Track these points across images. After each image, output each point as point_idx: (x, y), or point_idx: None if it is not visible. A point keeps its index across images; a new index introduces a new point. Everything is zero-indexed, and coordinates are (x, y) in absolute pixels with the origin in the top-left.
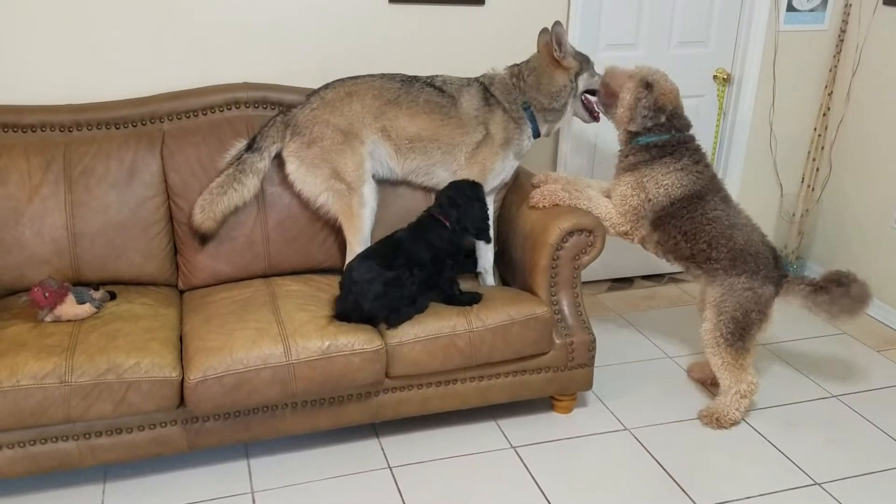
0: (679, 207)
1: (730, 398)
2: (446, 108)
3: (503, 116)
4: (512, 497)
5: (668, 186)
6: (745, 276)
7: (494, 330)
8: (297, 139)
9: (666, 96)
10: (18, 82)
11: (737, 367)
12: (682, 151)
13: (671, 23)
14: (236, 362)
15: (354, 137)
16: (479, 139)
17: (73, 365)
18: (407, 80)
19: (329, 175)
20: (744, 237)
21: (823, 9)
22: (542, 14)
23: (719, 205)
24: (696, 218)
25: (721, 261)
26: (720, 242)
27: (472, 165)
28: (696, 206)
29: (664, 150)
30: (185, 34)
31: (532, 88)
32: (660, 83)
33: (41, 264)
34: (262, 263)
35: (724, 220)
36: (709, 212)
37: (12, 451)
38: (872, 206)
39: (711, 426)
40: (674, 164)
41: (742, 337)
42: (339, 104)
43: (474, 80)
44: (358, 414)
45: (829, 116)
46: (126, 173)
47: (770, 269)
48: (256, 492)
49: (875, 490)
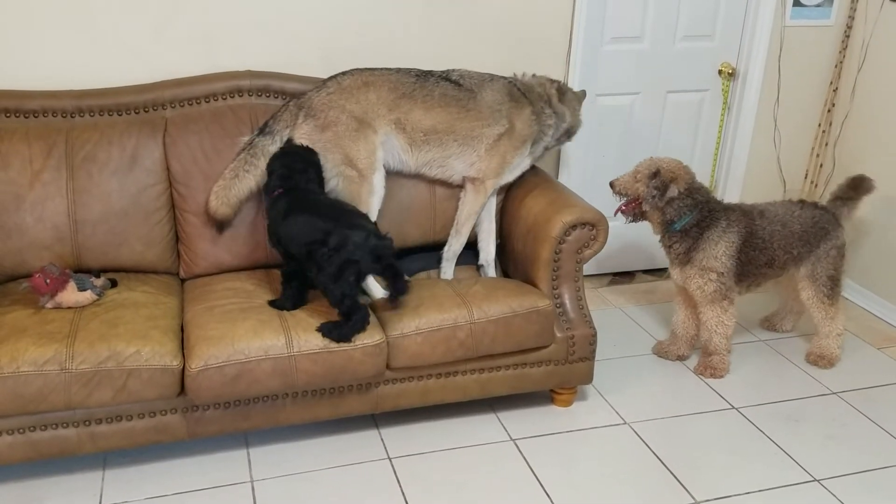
0: (744, 254)
1: (833, 340)
2: (464, 101)
3: (530, 115)
4: (511, 489)
5: (726, 252)
6: (821, 243)
7: (496, 322)
8: (310, 121)
9: (674, 173)
10: (21, 67)
11: (837, 312)
12: (717, 217)
13: (677, 16)
14: (238, 352)
15: (368, 126)
16: (500, 132)
17: (74, 352)
18: (422, 75)
19: (341, 160)
20: (796, 219)
21: (830, 4)
22: (547, 5)
23: (761, 221)
24: (761, 247)
25: (798, 248)
26: (789, 242)
27: (493, 157)
28: (753, 242)
29: (701, 227)
30: (188, 21)
31: (567, 110)
32: (663, 166)
33: (42, 250)
34: (263, 253)
35: (777, 225)
36: (764, 235)
37: (12, 437)
38: (875, 203)
39: (821, 365)
40: (717, 232)
41: (837, 286)
42: (356, 92)
43: (500, 77)
44: (358, 405)
45: (833, 113)
46: (128, 160)
47: (828, 219)
48: (256, 481)
49: (874, 487)
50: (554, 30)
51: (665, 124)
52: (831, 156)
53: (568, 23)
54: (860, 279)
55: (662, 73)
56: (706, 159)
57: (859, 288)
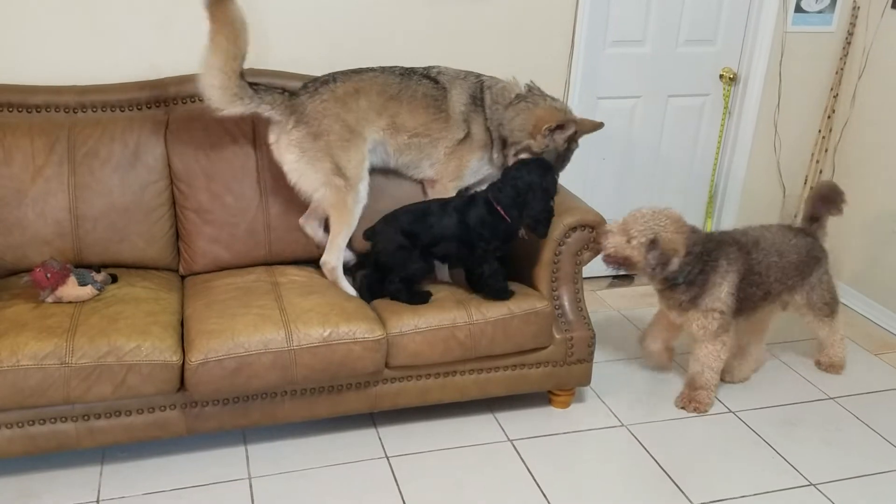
0: (741, 291)
1: (838, 346)
2: (439, 102)
3: (483, 122)
4: (508, 490)
5: (729, 291)
6: (814, 272)
7: (495, 323)
8: (302, 128)
9: (674, 243)
10: (24, 62)
11: (837, 321)
12: (716, 259)
13: (679, 20)
14: (238, 346)
15: (358, 136)
16: (460, 137)
17: (74, 346)
18: (406, 73)
19: (330, 170)
20: (792, 249)
21: (831, 11)
22: (549, 7)
23: (757, 254)
24: (758, 282)
25: (793, 279)
26: (785, 272)
27: (451, 160)
28: (750, 277)
29: (704, 274)
30: (191, 18)
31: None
32: (661, 234)
33: (43, 245)
34: (262, 251)
35: (773, 256)
36: (760, 269)
37: (11, 430)
38: (875, 209)
39: (833, 372)
40: (719, 275)
41: (836, 302)
42: (349, 100)
43: (473, 76)
44: (356, 403)
45: (833, 119)
46: (130, 157)
47: (819, 248)
48: (254, 477)
49: (870, 492)
50: (556, 32)
51: (666, 128)
52: (831, 161)
53: (570, 26)
54: (858, 285)
55: (664, 77)
56: (706, 163)
57: (857, 294)
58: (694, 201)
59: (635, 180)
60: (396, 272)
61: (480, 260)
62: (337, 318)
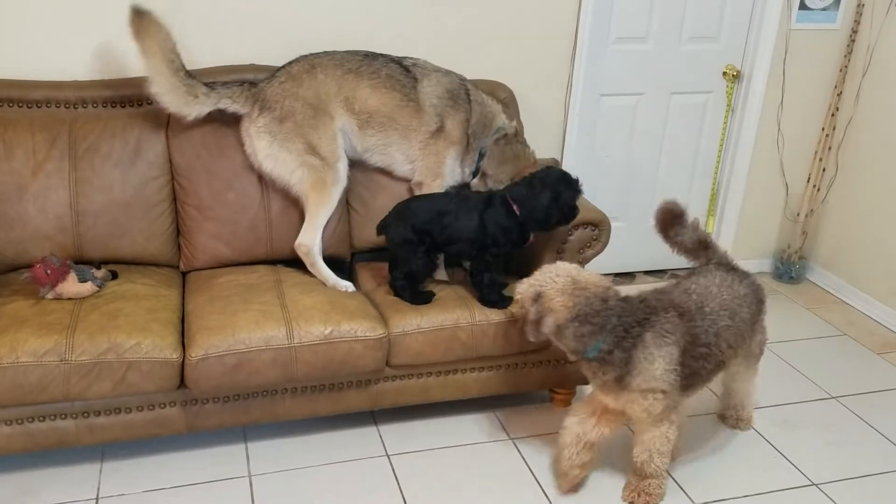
0: (686, 366)
1: (752, 400)
2: (407, 90)
3: (463, 121)
4: (508, 488)
5: (667, 367)
6: (759, 316)
7: (497, 324)
8: (266, 114)
9: (552, 302)
10: (25, 58)
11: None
12: (641, 332)
13: (683, 17)
14: (238, 342)
15: (324, 113)
16: (432, 129)
17: (74, 343)
18: (370, 55)
19: (303, 150)
20: (741, 304)
21: (836, 8)
22: (553, 4)
23: (703, 320)
24: (705, 355)
25: (747, 335)
26: (739, 335)
27: (427, 156)
28: (695, 349)
29: (624, 348)
30: (193, 13)
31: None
32: (546, 290)
33: (44, 241)
34: (263, 248)
35: (723, 321)
36: (708, 338)
37: (10, 427)
38: (878, 208)
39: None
40: (648, 350)
41: (764, 345)
42: (304, 76)
43: (455, 75)
44: (357, 401)
45: (837, 117)
46: (131, 153)
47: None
48: (254, 475)
49: (872, 493)
50: (559, 29)
51: (669, 125)
52: (834, 160)
53: (573, 22)
54: (861, 284)
55: (667, 75)
56: (709, 161)
57: (860, 293)
58: (697, 198)
59: (638, 178)
60: (400, 267)
61: (483, 267)
62: (339, 316)
